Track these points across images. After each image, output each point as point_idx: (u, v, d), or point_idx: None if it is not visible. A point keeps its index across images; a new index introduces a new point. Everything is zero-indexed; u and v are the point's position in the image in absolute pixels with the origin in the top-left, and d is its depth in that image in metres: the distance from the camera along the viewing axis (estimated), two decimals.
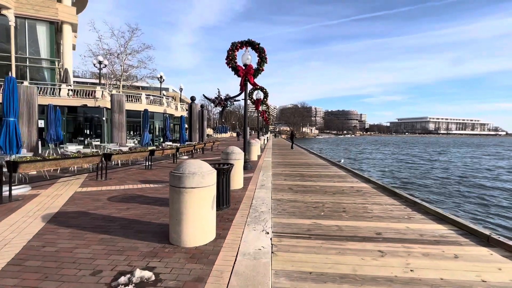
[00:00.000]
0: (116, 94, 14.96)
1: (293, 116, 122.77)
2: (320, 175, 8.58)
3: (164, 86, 58.90)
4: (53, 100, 16.09)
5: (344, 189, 6.51)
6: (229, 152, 6.22)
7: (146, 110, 12.33)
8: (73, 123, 17.77)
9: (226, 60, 9.50)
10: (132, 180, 7.36)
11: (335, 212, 4.54)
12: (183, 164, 3.16)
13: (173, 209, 3.07)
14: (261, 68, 9.48)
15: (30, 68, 18.64)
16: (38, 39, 18.55)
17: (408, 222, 4.07)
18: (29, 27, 18.27)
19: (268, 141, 34.37)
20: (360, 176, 8.22)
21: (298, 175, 8.47)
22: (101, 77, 31.28)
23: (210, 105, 70.67)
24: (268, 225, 3.73)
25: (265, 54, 9.51)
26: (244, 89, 9.56)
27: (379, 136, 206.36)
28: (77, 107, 16.88)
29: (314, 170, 9.75)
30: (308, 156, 15.85)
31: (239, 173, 6.35)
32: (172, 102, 23.94)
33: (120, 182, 7.10)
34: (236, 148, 6.41)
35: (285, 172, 9.17)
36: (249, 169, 9.42)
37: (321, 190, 6.33)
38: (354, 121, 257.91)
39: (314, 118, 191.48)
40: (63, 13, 18.99)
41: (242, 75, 9.38)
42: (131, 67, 29.80)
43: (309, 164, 11.35)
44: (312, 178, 7.91)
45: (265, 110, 28.28)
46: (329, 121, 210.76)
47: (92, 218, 4.04)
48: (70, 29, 20.06)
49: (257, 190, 6.04)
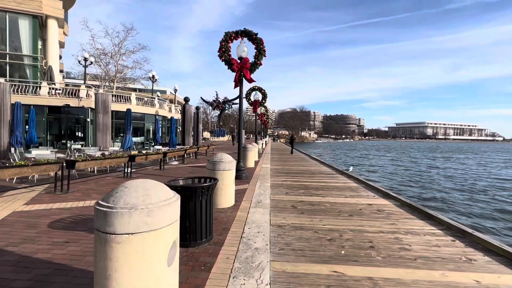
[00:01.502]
0: (101, 93, 13.63)
1: (292, 120, 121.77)
2: (328, 186, 7.26)
3: (162, 89, 57.66)
4: (33, 99, 14.75)
5: (361, 207, 5.19)
6: (216, 161, 4.90)
7: (129, 110, 10.99)
8: (55, 125, 16.38)
9: (218, 53, 8.25)
10: (100, 193, 6.01)
11: (360, 250, 3.21)
12: (119, 189, 1.84)
13: (98, 272, 1.73)
14: (258, 62, 8.22)
15: (10, 64, 17.29)
16: (20, 34, 17.26)
17: (472, 270, 2.75)
18: (10, 21, 16.98)
19: (267, 145, 33.07)
20: (376, 189, 6.90)
21: (301, 187, 7.15)
22: (97, 78, 30.02)
23: (209, 108, 69.54)
24: (265, 279, 2.40)
25: (263, 46, 8.26)
26: (239, 85, 8.28)
27: (377, 140, 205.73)
28: (60, 107, 15.51)
29: (319, 180, 8.44)
30: (310, 162, 14.54)
31: (230, 187, 5.03)
32: (166, 103, 22.63)
33: (83, 195, 5.75)
34: (225, 155, 5.09)
35: (286, 182, 7.85)
36: (243, 178, 8.10)
37: (333, 210, 5.01)
38: (352, 125, 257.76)
39: (313, 122, 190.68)
40: (47, 6, 17.75)
41: (236, 69, 8.12)
42: (126, 68, 28.52)
43: (312, 173, 10.03)
44: (318, 192, 6.59)
45: (263, 113, 27.02)
46: (328, 126, 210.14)
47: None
48: (55, 25, 18.80)
49: (251, 210, 4.71)
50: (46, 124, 15.36)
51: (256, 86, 17.58)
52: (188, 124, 18.29)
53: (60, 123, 16.16)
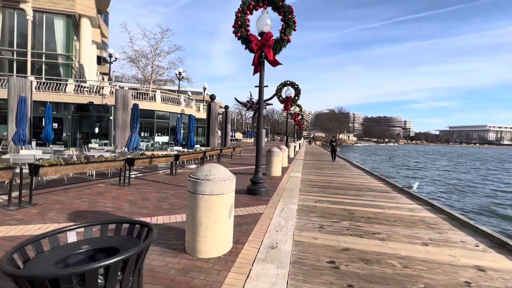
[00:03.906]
0: (121, 89, 12.75)
1: (329, 121, 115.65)
2: (386, 216, 4.78)
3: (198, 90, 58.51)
4: (59, 96, 14.59)
5: (468, 277, 2.73)
6: (199, 179, 2.90)
7: (136, 105, 9.65)
8: (81, 123, 16.17)
9: (233, 28, 6.31)
10: (65, 210, 4.45)
11: None
12: None
13: None
14: (285, 37, 6.06)
15: (46, 64, 17.70)
16: (55, 34, 17.57)
17: None
18: (46, 21, 17.36)
19: (301, 149, 30.43)
20: (476, 229, 4.21)
21: (344, 215, 4.79)
22: (138, 80, 30.65)
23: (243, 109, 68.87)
24: None
25: (292, 16, 6.08)
26: (260, 69, 6.21)
27: (426, 145, 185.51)
28: (85, 104, 15.20)
29: (370, 202, 5.94)
30: (353, 171, 11.80)
31: (220, 223, 2.98)
32: (193, 102, 21.60)
33: (38, 214, 4.25)
34: (217, 169, 3.06)
35: (322, 205, 5.53)
36: (262, 194, 6.00)
37: (409, 280, 2.65)
38: (397, 128, 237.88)
39: (352, 124, 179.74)
40: (80, 5, 17.83)
41: (256, 48, 6.07)
42: (161, 69, 28.54)
43: (358, 188, 7.49)
44: (373, 227, 4.18)
45: (297, 113, 24.51)
46: (369, 128, 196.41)
47: None
48: (88, 23, 18.91)
49: (255, 269, 2.61)
50: (71, 122, 15.14)
51: (288, 81, 15.34)
52: (213, 123, 16.79)
53: (85, 121, 15.90)
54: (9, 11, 16.68)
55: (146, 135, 18.55)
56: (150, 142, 17.78)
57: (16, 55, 16.99)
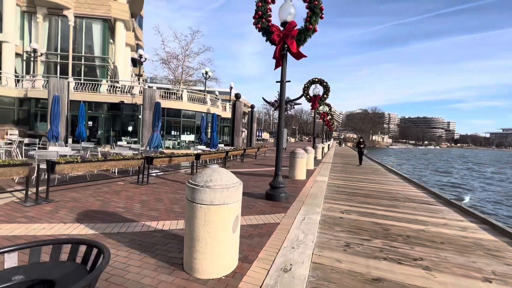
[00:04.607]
0: (148, 89, 13.04)
1: (361, 122, 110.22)
2: (432, 237, 3.93)
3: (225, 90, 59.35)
4: (93, 96, 15.41)
5: None
6: (198, 186, 2.46)
7: (158, 104, 9.63)
8: (113, 121, 16.97)
9: (253, 19, 5.83)
10: (80, 208, 4.35)
11: None
12: None
13: None
14: (311, 26, 5.43)
15: (85, 66, 18.92)
16: (93, 37, 18.70)
17: None
18: (85, 26, 18.54)
19: (330, 150, 29.07)
20: None
21: (376, 231, 4.05)
22: (170, 81, 31.89)
23: (271, 109, 68.28)
24: None
25: (319, 2, 5.43)
26: (281, 63, 5.66)
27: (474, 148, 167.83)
28: (117, 104, 15.91)
29: (409, 215, 5.06)
30: (387, 176, 10.65)
31: (225, 237, 2.52)
32: (219, 101, 21.62)
33: (52, 211, 4.19)
34: (221, 174, 2.59)
35: (349, 216, 4.82)
36: (282, 200, 5.45)
37: None
38: (438, 129, 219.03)
39: (387, 126, 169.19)
40: (116, 10, 18.76)
41: (278, 39, 5.53)
42: (191, 69, 29.26)
43: (394, 197, 6.56)
44: (415, 250, 3.41)
45: (326, 112, 23.32)
46: (406, 129, 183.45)
47: None
48: (122, 26, 19.84)
49: None
50: (105, 120, 15.93)
51: (316, 78, 14.48)
52: (238, 123, 16.55)
53: (117, 119, 16.65)
54: (54, 18, 18.12)
55: (176, 133, 18.91)
56: (177, 140, 18.09)
57: (60, 59, 18.41)
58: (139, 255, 2.90)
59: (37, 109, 15.48)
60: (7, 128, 14.38)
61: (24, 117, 15.68)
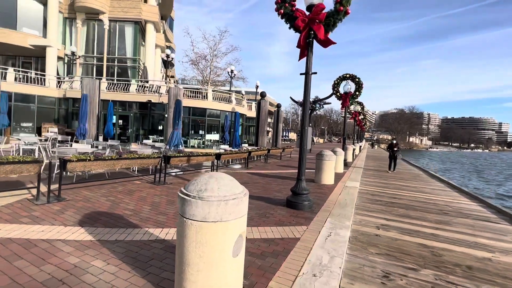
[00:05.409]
0: (173, 87, 13.07)
1: (397, 122, 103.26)
2: (504, 270, 2.99)
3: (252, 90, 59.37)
4: (123, 95, 15.95)
5: None
6: (190, 196, 1.93)
7: (178, 101, 9.41)
8: (142, 120, 17.46)
9: (275, 5, 5.21)
10: (88, 208, 4.14)
11: None
12: None
13: None
14: (341, 9, 4.66)
15: (118, 67, 19.78)
16: (125, 39, 19.47)
17: None
18: (119, 29, 19.37)
19: (361, 152, 27.24)
20: None
21: (425, 257, 3.20)
22: (199, 82, 32.57)
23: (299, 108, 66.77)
24: None
25: None
26: (307, 53, 4.96)
27: None
28: (144, 103, 16.31)
29: (467, 236, 4.07)
30: (431, 184, 9.31)
31: (222, 260, 1.95)
32: (244, 101, 21.28)
33: (59, 211, 4.02)
34: (225, 182, 2.03)
35: (388, 234, 3.97)
36: (306, 209, 4.77)
37: None
38: (488, 131, 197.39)
39: (427, 126, 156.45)
40: (146, 12, 19.33)
41: (302, 25, 4.84)
42: (219, 69, 29.50)
43: (442, 210, 5.48)
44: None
45: (358, 111, 21.75)
46: (448, 130, 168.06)
47: None
48: (152, 28, 20.41)
49: None
50: (134, 119, 16.41)
51: (348, 74, 13.35)
52: (262, 122, 16.01)
53: (145, 118, 17.10)
54: (92, 23, 19.21)
55: (202, 132, 18.97)
56: (202, 140, 18.09)
57: (96, 61, 19.48)
58: (128, 272, 2.47)
59: (74, 108, 16.46)
60: (48, 126, 15.45)
61: (63, 115, 16.79)
